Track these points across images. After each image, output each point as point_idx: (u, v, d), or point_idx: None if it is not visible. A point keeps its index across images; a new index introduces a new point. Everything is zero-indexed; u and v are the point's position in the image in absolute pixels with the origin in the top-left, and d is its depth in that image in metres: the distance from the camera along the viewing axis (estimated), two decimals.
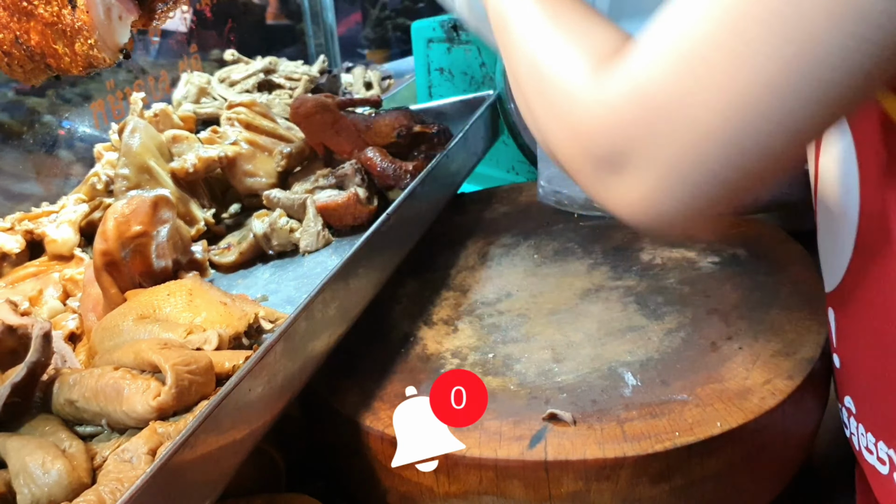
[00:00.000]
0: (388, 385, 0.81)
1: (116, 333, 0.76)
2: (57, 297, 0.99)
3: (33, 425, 0.66)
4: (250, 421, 0.65)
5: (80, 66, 0.76)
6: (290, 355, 0.70)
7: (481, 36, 0.76)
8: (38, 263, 1.06)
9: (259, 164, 1.17)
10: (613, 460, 0.68)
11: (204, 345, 0.71)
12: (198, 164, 1.11)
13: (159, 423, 0.63)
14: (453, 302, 0.95)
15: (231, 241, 1.09)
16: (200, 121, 1.33)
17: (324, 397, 0.81)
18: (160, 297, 0.81)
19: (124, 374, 0.66)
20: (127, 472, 0.59)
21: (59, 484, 0.58)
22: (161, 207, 0.89)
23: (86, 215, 1.10)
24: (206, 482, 0.61)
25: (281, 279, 1.01)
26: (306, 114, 1.15)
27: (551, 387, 0.78)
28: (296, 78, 1.54)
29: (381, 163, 1.09)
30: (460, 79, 1.46)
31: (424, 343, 0.88)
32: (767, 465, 0.75)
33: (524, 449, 0.70)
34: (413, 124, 1.12)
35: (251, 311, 0.79)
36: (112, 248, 0.85)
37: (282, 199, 1.09)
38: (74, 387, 0.67)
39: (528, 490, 0.70)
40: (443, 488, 0.72)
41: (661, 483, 0.69)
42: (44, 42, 0.76)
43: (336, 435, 0.81)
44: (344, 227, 1.08)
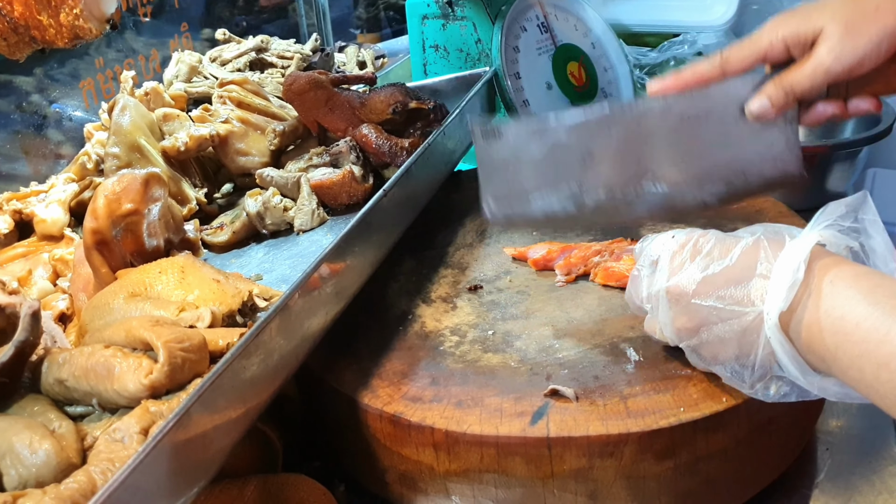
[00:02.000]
0: (386, 363, 0.79)
1: (107, 311, 0.75)
2: (46, 277, 0.97)
3: (22, 405, 0.64)
4: (245, 400, 0.64)
5: (66, 38, 0.74)
6: (286, 333, 0.68)
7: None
8: (28, 244, 1.04)
9: (251, 142, 1.15)
10: (617, 436, 0.67)
11: (197, 322, 0.70)
12: (189, 142, 1.09)
13: (152, 401, 0.61)
14: (452, 279, 0.93)
15: (224, 221, 1.07)
16: (192, 100, 1.31)
17: (321, 375, 0.79)
18: (151, 274, 0.79)
19: (115, 352, 0.64)
20: (118, 452, 0.58)
21: (48, 464, 0.56)
22: (152, 185, 0.87)
23: (76, 195, 1.08)
24: (200, 462, 0.60)
25: (275, 258, 1.00)
26: (299, 91, 1.12)
27: (552, 363, 0.76)
28: (288, 56, 1.52)
29: (376, 140, 1.07)
30: (455, 56, 1.43)
31: (423, 321, 0.86)
32: (773, 440, 0.74)
33: (526, 426, 0.68)
34: (409, 100, 1.10)
35: (245, 289, 0.77)
36: (103, 226, 0.83)
37: (275, 178, 1.07)
38: (64, 366, 0.65)
39: (529, 467, 0.68)
40: (443, 466, 0.71)
41: (666, 459, 0.68)
42: (28, 13, 0.73)
43: (334, 413, 0.79)
44: (339, 206, 1.07)
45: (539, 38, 1.40)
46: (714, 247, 0.67)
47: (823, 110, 0.75)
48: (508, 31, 1.35)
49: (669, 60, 1.57)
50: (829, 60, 0.69)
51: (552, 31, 1.42)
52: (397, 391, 0.75)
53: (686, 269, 0.67)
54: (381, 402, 0.73)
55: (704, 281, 0.65)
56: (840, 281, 0.59)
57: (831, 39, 0.69)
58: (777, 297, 0.61)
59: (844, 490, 0.78)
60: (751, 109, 0.75)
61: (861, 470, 0.80)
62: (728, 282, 0.64)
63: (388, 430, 0.72)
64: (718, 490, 0.73)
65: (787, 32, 0.73)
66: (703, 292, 0.65)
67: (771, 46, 0.74)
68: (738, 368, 0.66)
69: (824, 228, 0.64)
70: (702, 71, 0.78)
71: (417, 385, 0.75)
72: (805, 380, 0.61)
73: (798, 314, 0.60)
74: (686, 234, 0.70)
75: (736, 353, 0.65)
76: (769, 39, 0.74)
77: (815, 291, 0.59)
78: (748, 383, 0.65)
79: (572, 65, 1.43)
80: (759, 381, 0.65)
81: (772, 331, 0.61)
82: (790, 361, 0.61)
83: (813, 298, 0.59)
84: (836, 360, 0.58)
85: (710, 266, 0.66)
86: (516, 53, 1.36)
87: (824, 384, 0.61)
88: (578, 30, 1.48)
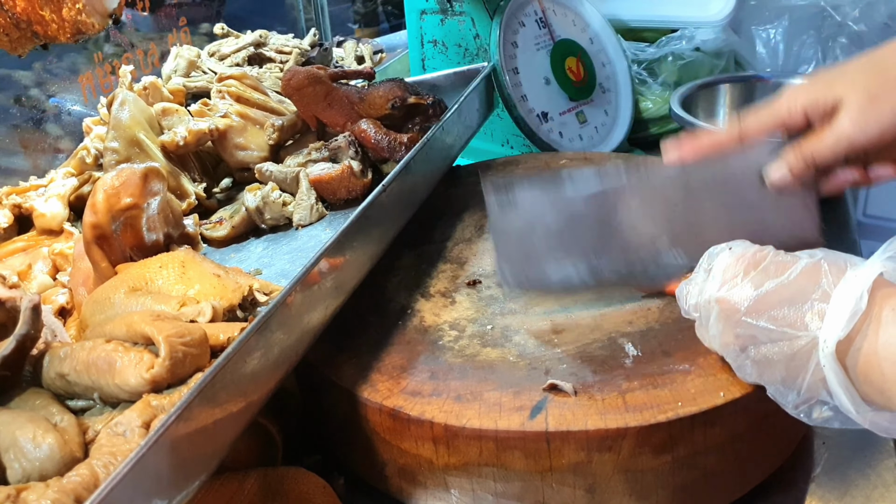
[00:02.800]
0: (385, 357, 0.80)
1: (108, 306, 0.75)
2: (46, 271, 0.97)
3: (23, 399, 0.65)
4: (246, 394, 0.64)
5: (69, 33, 0.74)
6: (286, 327, 0.69)
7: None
8: (27, 238, 1.04)
9: (250, 137, 1.15)
10: (615, 431, 0.67)
11: (198, 317, 0.70)
12: (188, 136, 1.09)
13: (153, 395, 0.62)
14: (451, 274, 0.94)
15: (223, 216, 1.08)
16: (190, 94, 1.31)
17: (321, 370, 0.79)
18: (152, 269, 0.79)
19: (116, 346, 0.64)
20: (120, 446, 0.58)
21: (51, 458, 0.57)
22: (151, 179, 0.87)
23: (75, 189, 1.08)
24: (201, 456, 0.60)
25: (274, 253, 1.00)
26: (298, 86, 1.13)
27: (551, 357, 0.77)
28: (286, 51, 1.52)
29: (375, 135, 1.07)
30: (454, 51, 1.44)
31: (422, 315, 0.86)
32: (770, 434, 0.75)
33: (525, 420, 0.69)
34: (407, 95, 1.11)
35: (245, 283, 0.77)
36: (102, 220, 0.83)
37: (274, 173, 1.08)
38: (65, 360, 0.66)
39: (528, 461, 0.69)
40: (442, 460, 0.71)
41: (664, 454, 0.69)
42: (30, 8, 0.74)
43: (333, 407, 0.80)
44: (338, 201, 1.07)
45: (537, 33, 1.41)
46: (770, 263, 0.65)
47: (843, 178, 0.75)
48: (507, 27, 1.35)
49: (667, 56, 1.58)
50: (852, 130, 0.69)
51: (550, 27, 1.43)
52: (396, 385, 0.75)
53: (739, 283, 0.65)
54: (381, 397, 0.74)
55: (758, 300, 0.64)
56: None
57: (853, 109, 0.69)
58: (836, 324, 0.59)
59: (841, 484, 0.79)
60: (771, 178, 0.75)
61: (857, 464, 0.81)
62: (782, 302, 0.63)
63: (388, 423, 0.73)
64: (716, 484, 0.73)
65: (806, 101, 0.73)
66: (755, 310, 0.64)
67: (790, 115, 0.74)
68: (783, 389, 0.64)
69: (888, 259, 0.61)
70: (719, 139, 0.78)
71: (417, 379, 0.76)
72: (857, 412, 0.59)
73: (856, 343, 0.58)
74: (743, 247, 0.69)
75: (783, 375, 0.63)
76: (788, 108, 0.74)
77: (875, 320, 0.58)
78: (791, 404, 0.64)
79: (570, 60, 1.43)
80: (804, 404, 0.63)
81: (827, 359, 0.59)
82: (843, 392, 0.59)
83: (873, 327, 0.58)
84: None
85: (764, 283, 0.64)
86: (514, 49, 1.36)
87: (877, 419, 0.59)
88: (577, 25, 1.48)
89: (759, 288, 0.64)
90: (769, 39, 1.65)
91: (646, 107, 1.55)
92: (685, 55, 1.56)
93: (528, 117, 1.36)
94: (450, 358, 0.78)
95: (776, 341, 0.63)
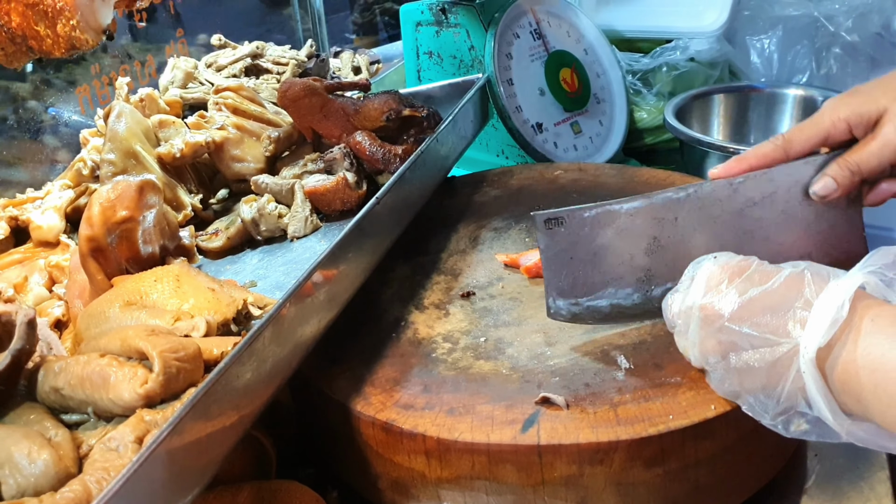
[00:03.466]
0: (379, 370, 0.80)
1: (103, 320, 0.75)
2: (43, 283, 0.97)
3: (18, 413, 0.65)
4: (239, 407, 0.64)
5: (63, 48, 0.75)
6: (280, 341, 0.69)
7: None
8: (24, 250, 1.04)
9: (247, 148, 1.15)
10: (607, 444, 0.67)
11: (192, 331, 0.70)
12: (185, 148, 1.09)
13: (146, 410, 0.62)
14: (444, 286, 0.94)
15: (219, 227, 1.08)
16: (187, 106, 1.31)
17: (314, 383, 0.80)
18: (147, 283, 0.79)
19: (111, 361, 0.65)
20: (113, 461, 0.58)
21: (46, 474, 0.57)
22: (147, 192, 0.87)
23: (71, 201, 1.09)
24: (194, 470, 0.60)
25: (269, 265, 1.00)
26: (294, 97, 1.13)
27: (544, 370, 0.77)
28: (283, 62, 1.52)
29: (370, 147, 1.08)
30: (449, 62, 1.44)
31: (416, 327, 0.87)
32: (762, 447, 0.75)
33: (517, 433, 0.69)
34: (402, 107, 1.11)
35: (239, 297, 0.78)
36: (98, 233, 0.84)
37: (270, 185, 1.08)
38: (60, 374, 0.66)
39: (520, 474, 0.69)
40: (435, 473, 0.72)
41: (656, 466, 0.69)
42: (25, 23, 0.74)
43: (327, 420, 0.80)
44: (333, 212, 1.08)
45: (532, 44, 1.41)
46: (755, 272, 0.66)
47: (888, 188, 0.76)
48: (501, 38, 1.36)
49: (662, 66, 1.58)
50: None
51: (545, 38, 1.43)
52: (389, 398, 0.75)
53: (724, 290, 0.66)
54: (374, 410, 0.74)
55: (741, 306, 0.64)
56: (882, 319, 0.58)
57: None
58: (817, 331, 0.60)
59: (833, 496, 0.79)
60: (815, 190, 0.76)
61: (850, 476, 0.81)
62: (765, 309, 0.63)
63: (381, 437, 0.73)
64: (708, 496, 0.73)
65: (848, 113, 0.75)
66: (738, 317, 0.64)
67: (833, 127, 0.76)
68: (763, 399, 0.64)
69: (869, 273, 0.62)
70: (764, 153, 0.78)
71: (410, 392, 0.76)
72: (835, 420, 0.60)
73: (836, 351, 0.59)
74: (727, 257, 0.70)
75: (763, 382, 0.64)
76: (831, 120, 0.76)
77: (855, 329, 0.59)
78: (770, 415, 0.64)
79: (565, 71, 1.44)
80: (782, 414, 0.64)
81: (807, 365, 0.60)
82: (822, 399, 0.60)
83: (853, 336, 0.59)
84: (873, 400, 0.57)
85: (748, 290, 0.65)
86: (509, 60, 1.37)
87: (853, 428, 0.60)
88: (571, 36, 1.49)
89: (744, 295, 0.65)
90: (763, 49, 1.66)
91: (640, 117, 1.56)
92: (680, 65, 1.57)
93: (523, 128, 1.36)
94: (443, 370, 0.79)
95: (758, 348, 0.63)
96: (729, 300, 0.65)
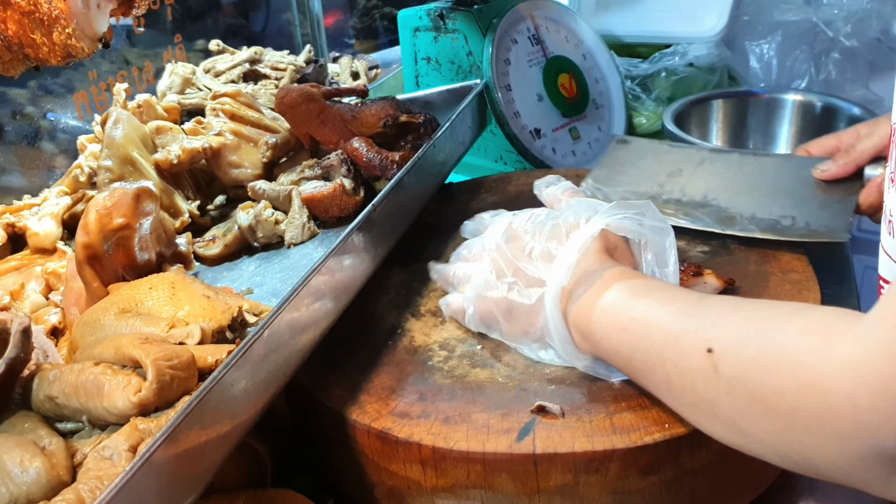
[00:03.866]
0: (374, 378, 0.80)
1: (98, 328, 0.75)
2: (39, 290, 0.97)
3: (12, 422, 0.65)
4: (234, 416, 0.64)
5: (59, 56, 0.75)
6: (275, 348, 0.69)
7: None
8: (20, 257, 1.04)
9: (244, 154, 1.15)
10: (602, 453, 0.67)
11: (186, 339, 0.70)
12: (182, 155, 1.09)
13: (140, 419, 0.62)
14: (441, 293, 0.94)
15: (216, 234, 1.08)
16: (185, 111, 1.31)
17: (310, 391, 0.79)
18: (142, 290, 0.79)
19: (105, 369, 0.65)
20: (107, 470, 0.58)
21: (38, 483, 0.57)
22: (143, 199, 0.87)
23: (68, 208, 1.09)
24: (188, 479, 0.60)
25: (266, 272, 1.00)
26: (291, 104, 1.13)
27: (540, 378, 0.77)
28: (282, 68, 1.52)
29: (367, 153, 1.08)
30: (447, 68, 1.44)
31: (412, 335, 0.87)
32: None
33: (512, 442, 0.69)
34: (399, 114, 1.11)
35: (235, 305, 0.77)
36: (94, 241, 0.84)
37: (267, 191, 1.08)
38: (54, 383, 0.66)
39: (516, 483, 0.69)
40: (430, 482, 0.72)
41: (651, 475, 0.69)
42: (21, 31, 0.74)
43: (322, 429, 0.80)
44: (330, 219, 1.07)
45: (530, 49, 1.41)
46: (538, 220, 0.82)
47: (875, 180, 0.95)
48: (499, 44, 1.36)
49: (661, 71, 1.58)
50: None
51: (543, 43, 1.43)
52: (385, 407, 0.75)
53: (518, 236, 0.81)
54: (369, 418, 0.74)
55: (525, 251, 0.79)
56: (611, 276, 0.71)
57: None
58: (560, 273, 0.73)
59: None
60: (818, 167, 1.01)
61: (846, 486, 0.81)
62: (538, 257, 0.78)
63: (376, 445, 0.73)
64: None
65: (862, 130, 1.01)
66: (522, 259, 0.79)
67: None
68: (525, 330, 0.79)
69: (609, 216, 0.76)
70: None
71: (405, 401, 0.76)
72: (563, 349, 0.75)
73: (576, 294, 0.72)
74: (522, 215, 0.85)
75: (526, 314, 0.77)
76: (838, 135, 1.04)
77: (601, 283, 0.70)
78: (527, 348, 0.80)
79: (563, 76, 1.44)
80: (536, 342, 0.78)
81: (551, 302, 0.73)
82: (556, 331, 0.74)
83: (595, 288, 0.70)
84: (602, 339, 0.70)
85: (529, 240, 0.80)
86: (507, 66, 1.37)
87: (578, 357, 0.75)
88: (570, 41, 1.49)
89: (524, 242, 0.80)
90: (762, 55, 1.66)
91: (639, 122, 1.56)
92: (678, 71, 1.57)
93: (521, 134, 1.36)
94: (439, 379, 0.79)
95: (530, 285, 0.77)
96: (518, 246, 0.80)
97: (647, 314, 0.65)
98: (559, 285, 0.73)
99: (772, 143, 1.52)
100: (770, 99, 1.52)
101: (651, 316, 0.65)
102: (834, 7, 1.61)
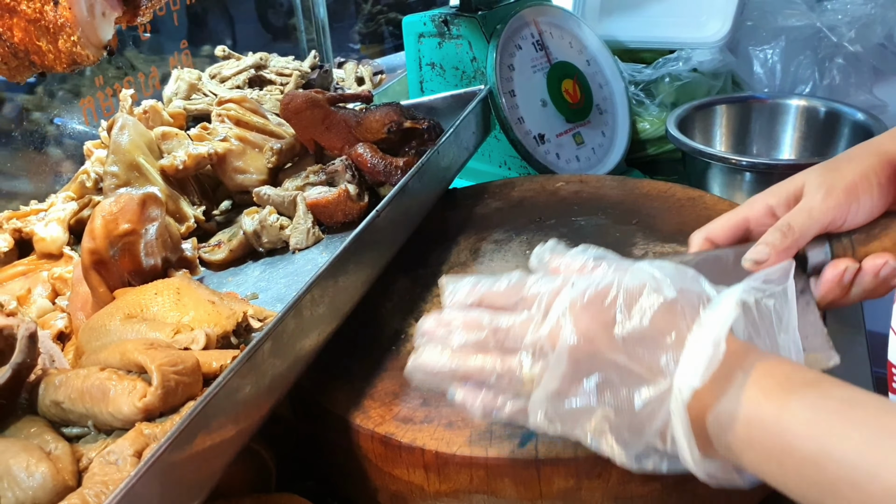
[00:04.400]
0: (378, 383, 0.80)
1: (103, 333, 0.76)
2: (46, 295, 0.98)
3: (18, 427, 0.66)
4: (238, 421, 0.65)
5: (64, 64, 0.75)
6: (279, 354, 0.69)
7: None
8: (27, 262, 1.05)
9: (249, 160, 1.16)
10: (604, 458, 0.67)
11: (191, 344, 0.71)
12: (187, 160, 1.10)
13: (145, 424, 0.62)
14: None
15: (221, 239, 1.09)
16: (191, 117, 1.32)
17: (314, 396, 0.80)
18: (147, 296, 0.80)
19: (110, 374, 0.65)
20: (112, 475, 0.59)
21: (44, 487, 0.58)
22: (149, 205, 0.88)
23: (75, 213, 1.09)
24: (193, 483, 0.61)
25: (271, 277, 1.01)
26: (296, 110, 1.14)
27: None
28: (287, 73, 1.53)
29: (371, 159, 1.08)
30: (451, 74, 1.45)
31: (416, 340, 0.87)
32: None
33: (515, 447, 0.69)
34: (403, 120, 1.12)
35: (239, 310, 0.78)
36: (100, 246, 0.84)
37: (272, 196, 1.09)
38: (60, 388, 0.67)
39: (519, 488, 0.69)
40: (433, 487, 0.72)
41: (653, 480, 0.69)
42: (27, 39, 0.75)
43: (326, 433, 0.80)
44: (334, 224, 1.08)
45: (534, 55, 1.42)
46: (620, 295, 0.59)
47: (834, 271, 0.69)
48: (503, 50, 1.37)
49: (664, 77, 1.59)
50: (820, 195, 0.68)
51: (547, 49, 1.44)
52: (388, 412, 0.76)
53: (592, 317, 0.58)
54: (373, 423, 0.74)
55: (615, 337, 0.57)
56: (755, 371, 0.55)
57: (814, 180, 0.69)
58: (693, 372, 0.55)
59: None
60: (749, 257, 0.68)
61: None
62: (636, 341, 0.57)
63: (380, 450, 0.73)
64: None
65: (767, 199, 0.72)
66: (613, 348, 0.57)
67: (751, 210, 0.73)
68: (627, 437, 0.58)
69: (744, 293, 0.59)
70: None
71: (409, 406, 0.76)
72: (694, 464, 0.56)
73: (708, 397, 0.55)
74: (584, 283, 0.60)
75: (630, 420, 0.57)
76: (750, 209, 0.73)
77: (727, 377, 0.55)
78: (629, 452, 0.58)
79: (567, 82, 1.44)
80: (642, 451, 0.58)
81: (678, 407, 0.55)
82: (686, 442, 0.55)
83: (735, 384, 0.54)
84: (746, 450, 0.54)
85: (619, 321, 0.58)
86: (511, 71, 1.37)
87: (710, 469, 0.57)
88: (573, 47, 1.49)
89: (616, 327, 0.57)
90: (766, 60, 1.66)
91: (643, 128, 1.56)
92: (682, 76, 1.57)
93: (525, 139, 1.37)
94: None
95: (631, 385, 0.57)
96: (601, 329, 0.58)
97: (822, 443, 0.50)
98: (692, 386, 0.55)
99: (775, 149, 1.52)
100: (774, 104, 1.52)
101: (825, 445, 0.50)
102: (838, 12, 1.61)
